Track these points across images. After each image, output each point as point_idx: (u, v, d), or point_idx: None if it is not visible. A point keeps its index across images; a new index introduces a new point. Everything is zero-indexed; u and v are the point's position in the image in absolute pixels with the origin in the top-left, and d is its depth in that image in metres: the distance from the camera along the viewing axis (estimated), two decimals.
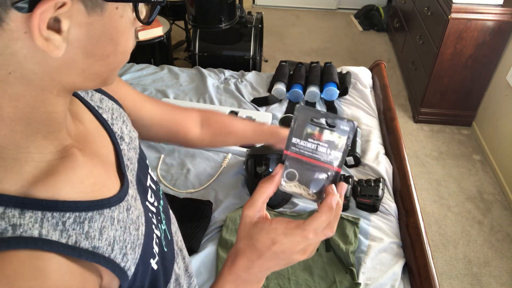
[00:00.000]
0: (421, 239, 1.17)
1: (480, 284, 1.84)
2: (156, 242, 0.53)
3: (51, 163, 0.39)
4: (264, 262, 0.46)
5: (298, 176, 0.47)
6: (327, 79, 1.83)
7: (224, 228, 1.21)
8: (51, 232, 0.36)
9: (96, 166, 0.45)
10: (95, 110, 0.52)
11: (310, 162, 0.46)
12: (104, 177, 0.45)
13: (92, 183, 0.43)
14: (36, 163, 0.38)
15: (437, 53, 2.41)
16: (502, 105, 2.35)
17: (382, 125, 1.70)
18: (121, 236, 0.44)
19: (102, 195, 0.43)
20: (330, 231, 0.45)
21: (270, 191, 0.47)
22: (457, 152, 2.54)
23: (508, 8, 2.22)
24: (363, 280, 1.10)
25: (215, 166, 1.45)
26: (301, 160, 0.46)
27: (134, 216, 0.48)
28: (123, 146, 0.54)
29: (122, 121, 0.56)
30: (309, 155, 0.46)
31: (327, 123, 0.45)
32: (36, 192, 0.37)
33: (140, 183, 0.55)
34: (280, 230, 0.44)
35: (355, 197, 1.32)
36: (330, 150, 0.45)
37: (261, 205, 0.47)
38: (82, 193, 0.41)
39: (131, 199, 0.49)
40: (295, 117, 0.45)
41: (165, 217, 0.62)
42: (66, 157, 0.41)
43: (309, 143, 0.45)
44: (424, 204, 2.19)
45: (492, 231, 2.06)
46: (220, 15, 2.24)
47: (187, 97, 1.83)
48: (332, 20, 4.09)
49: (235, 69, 2.08)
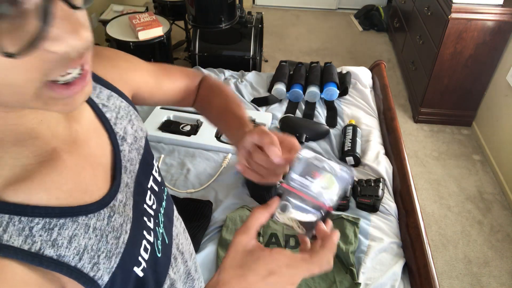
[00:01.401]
0: (421, 239, 1.17)
1: (480, 284, 1.84)
2: (145, 248, 0.51)
3: (27, 168, 0.38)
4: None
5: (291, 210, 0.48)
6: (327, 79, 1.83)
7: (224, 228, 1.21)
8: (14, 237, 0.35)
9: (82, 170, 0.44)
10: (99, 108, 0.51)
11: (304, 197, 0.48)
12: (88, 181, 0.44)
13: (71, 189, 0.41)
14: (9, 166, 0.37)
15: (437, 53, 2.41)
16: (502, 105, 2.35)
17: (382, 125, 1.70)
18: (95, 245, 0.42)
19: (81, 201, 0.42)
20: (328, 266, 0.45)
21: (264, 219, 0.46)
22: (457, 152, 2.54)
23: (508, 8, 2.22)
24: (363, 280, 1.10)
25: (215, 166, 1.45)
26: (296, 195, 0.48)
27: (117, 223, 0.46)
28: (124, 147, 0.52)
29: (128, 120, 0.55)
30: (304, 190, 0.48)
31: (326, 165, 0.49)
32: (6, 196, 0.36)
33: (139, 185, 0.54)
34: (282, 262, 0.42)
35: (355, 197, 1.32)
36: (325, 190, 0.48)
37: (255, 232, 0.45)
38: (57, 199, 0.39)
39: (118, 205, 0.47)
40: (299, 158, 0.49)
41: (165, 219, 0.60)
42: (45, 161, 0.40)
43: (307, 181, 0.48)
44: (424, 204, 2.19)
45: (492, 231, 2.06)
46: (220, 15, 2.24)
47: None
48: (332, 20, 4.09)
49: (235, 69, 2.08)
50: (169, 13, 2.80)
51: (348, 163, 1.48)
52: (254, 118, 1.64)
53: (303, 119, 1.68)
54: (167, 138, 1.54)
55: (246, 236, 0.44)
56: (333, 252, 0.45)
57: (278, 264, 0.42)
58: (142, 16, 2.38)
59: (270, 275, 0.41)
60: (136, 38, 2.28)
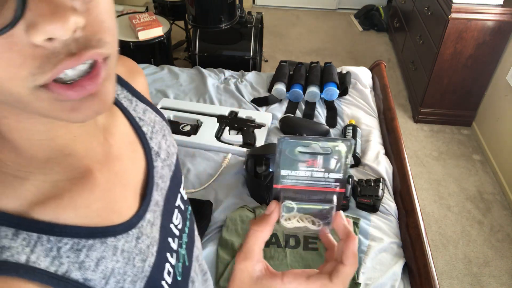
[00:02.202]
0: (421, 239, 1.17)
1: (480, 284, 1.84)
2: (168, 272, 0.47)
3: (57, 185, 0.36)
4: None
5: (297, 208, 0.41)
6: (327, 79, 1.83)
7: (224, 228, 1.21)
8: (41, 258, 0.33)
9: (113, 188, 0.41)
10: (136, 122, 0.48)
11: (307, 190, 0.40)
12: (118, 200, 0.42)
13: (100, 208, 0.39)
14: (39, 182, 0.35)
15: (437, 53, 2.41)
16: (502, 105, 2.35)
17: (382, 125, 1.70)
18: (121, 268, 0.39)
19: (109, 221, 0.39)
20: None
21: (266, 234, 0.39)
22: (457, 152, 2.53)
23: (508, 8, 2.22)
24: (363, 280, 1.10)
25: (215, 166, 1.45)
26: (296, 190, 0.41)
27: (144, 245, 0.43)
28: (157, 162, 0.49)
29: (162, 135, 0.53)
30: (304, 183, 0.40)
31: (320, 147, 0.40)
32: (35, 213, 0.33)
33: (168, 203, 0.50)
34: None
35: (355, 197, 1.32)
36: (327, 173, 0.40)
37: (259, 253, 0.38)
38: (85, 218, 0.37)
39: (145, 226, 0.44)
40: (279, 150, 0.39)
41: (187, 240, 0.55)
42: (75, 178, 0.37)
43: (302, 171, 0.40)
44: (424, 204, 2.19)
45: (492, 231, 2.06)
46: (220, 15, 2.24)
47: (187, 97, 1.83)
48: (332, 20, 4.09)
49: (235, 69, 2.08)
50: (169, 13, 2.80)
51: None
52: (254, 118, 1.64)
53: (303, 119, 1.68)
54: None
55: (249, 262, 0.38)
56: (356, 267, 0.38)
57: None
58: (142, 16, 2.38)
59: None
60: (136, 38, 2.28)
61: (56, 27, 0.24)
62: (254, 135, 1.56)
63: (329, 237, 0.42)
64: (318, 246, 1.16)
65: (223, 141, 1.54)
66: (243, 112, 1.67)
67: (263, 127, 1.60)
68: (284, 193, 0.41)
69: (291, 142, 0.39)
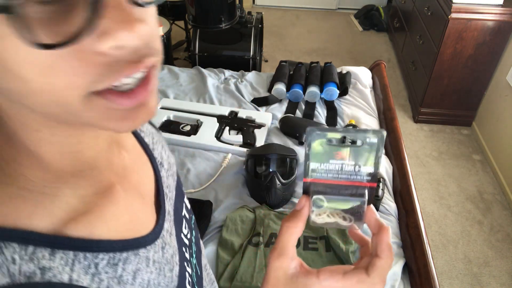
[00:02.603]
0: (421, 239, 1.17)
1: (480, 284, 1.84)
2: (189, 282, 0.46)
3: (84, 199, 0.35)
4: None
5: (327, 203, 0.39)
6: (327, 79, 1.83)
7: (224, 228, 1.21)
8: (82, 276, 0.32)
9: (134, 200, 0.41)
10: (137, 133, 0.48)
11: (337, 184, 0.39)
12: (141, 212, 0.41)
13: (128, 220, 0.38)
14: (67, 198, 0.34)
15: (437, 53, 2.41)
16: (502, 105, 2.35)
17: (382, 125, 1.70)
18: (156, 279, 0.39)
19: (138, 232, 0.39)
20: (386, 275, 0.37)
21: (299, 230, 0.38)
22: (457, 152, 2.54)
23: (508, 8, 2.22)
24: None
25: (215, 166, 1.45)
26: (326, 184, 0.39)
27: (169, 254, 0.42)
28: (162, 173, 0.49)
29: (161, 145, 0.52)
30: (334, 177, 0.39)
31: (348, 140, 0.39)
32: (68, 230, 0.32)
33: (177, 213, 0.50)
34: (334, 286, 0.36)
35: None
36: (358, 167, 0.38)
37: (293, 250, 0.38)
38: (116, 231, 0.36)
39: (166, 235, 0.43)
40: (308, 141, 0.38)
41: (196, 250, 0.55)
42: (101, 192, 0.37)
43: (332, 165, 0.38)
44: (424, 204, 2.19)
45: (492, 231, 2.06)
46: (220, 15, 2.24)
47: (187, 97, 1.83)
48: (332, 20, 4.09)
49: (235, 69, 2.08)
50: (169, 13, 2.80)
51: None
52: (254, 118, 1.64)
53: (303, 119, 1.68)
54: (167, 138, 1.54)
55: (284, 259, 0.37)
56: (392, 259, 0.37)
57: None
58: None
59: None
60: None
61: (127, 35, 0.24)
62: (254, 135, 1.56)
63: (359, 234, 0.41)
64: (318, 246, 1.16)
65: (223, 141, 1.54)
66: (243, 112, 1.67)
67: (263, 127, 1.60)
68: (314, 187, 0.39)
69: (320, 134, 0.38)
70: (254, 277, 1.07)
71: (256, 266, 1.10)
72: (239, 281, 1.06)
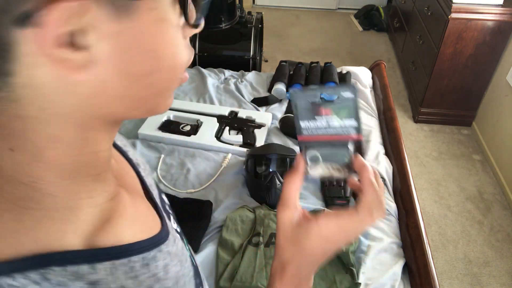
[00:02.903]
0: (421, 239, 1.17)
1: (480, 284, 1.84)
2: (195, 270, 0.49)
3: (103, 207, 0.35)
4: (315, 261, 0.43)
5: (321, 157, 0.44)
6: (327, 79, 1.83)
7: (224, 228, 1.21)
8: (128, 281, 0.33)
9: (138, 201, 0.42)
10: None
11: (327, 139, 0.44)
12: (146, 211, 0.42)
13: (143, 221, 0.40)
14: (89, 209, 0.34)
15: (437, 53, 2.41)
16: (502, 105, 2.35)
17: (382, 125, 1.70)
18: (181, 270, 0.41)
19: (153, 230, 0.40)
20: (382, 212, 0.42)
21: (298, 182, 0.43)
22: (457, 152, 2.54)
23: (508, 8, 2.22)
24: (363, 280, 1.10)
25: (215, 166, 1.45)
26: (317, 141, 0.44)
27: (180, 247, 0.44)
28: (142, 173, 0.50)
29: (131, 147, 0.53)
30: (323, 132, 0.43)
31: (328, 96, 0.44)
32: (99, 242, 0.33)
33: (164, 209, 0.51)
34: (332, 227, 0.41)
35: (355, 197, 1.32)
36: (342, 120, 0.43)
37: (295, 201, 0.43)
38: (138, 233, 0.37)
39: (171, 229, 0.45)
40: (294, 103, 0.43)
41: (186, 241, 0.59)
42: (112, 197, 0.37)
43: (319, 121, 0.43)
44: (424, 204, 2.19)
45: (492, 231, 2.06)
46: (220, 15, 2.24)
47: (187, 97, 1.83)
48: (332, 20, 4.09)
49: (235, 69, 2.08)
50: None
51: None
52: (254, 118, 1.64)
53: None
54: (167, 138, 1.54)
55: (289, 210, 0.42)
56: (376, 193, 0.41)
57: (328, 231, 0.41)
58: None
59: (325, 243, 0.41)
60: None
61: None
62: (254, 135, 1.56)
63: (357, 183, 0.45)
64: None
65: (223, 141, 1.54)
66: (243, 112, 1.67)
67: (263, 127, 1.60)
68: (307, 144, 0.44)
69: (302, 94, 0.43)
70: (254, 277, 1.07)
71: (256, 266, 1.09)
72: (239, 281, 1.06)
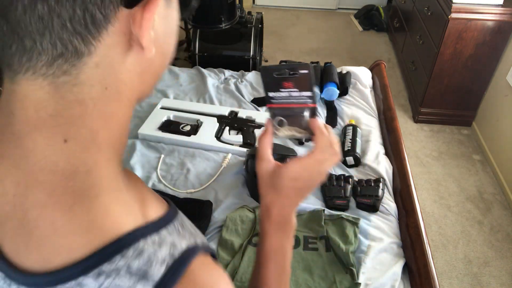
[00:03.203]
0: (421, 239, 1.17)
1: (480, 284, 1.84)
2: None
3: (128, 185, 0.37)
4: (293, 200, 0.51)
5: (286, 121, 0.56)
6: (327, 79, 1.82)
7: (224, 228, 1.21)
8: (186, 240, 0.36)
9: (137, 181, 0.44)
10: None
11: (290, 107, 0.55)
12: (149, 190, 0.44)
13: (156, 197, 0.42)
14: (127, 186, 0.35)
15: (437, 53, 2.41)
16: (502, 105, 2.35)
17: (382, 125, 1.70)
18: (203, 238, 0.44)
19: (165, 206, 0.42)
20: (334, 151, 0.51)
21: (269, 139, 0.54)
22: (457, 152, 2.54)
23: (508, 8, 2.22)
24: (363, 280, 1.10)
25: (215, 166, 1.45)
26: (282, 108, 0.55)
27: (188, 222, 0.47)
28: None
29: None
30: (286, 101, 0.54)
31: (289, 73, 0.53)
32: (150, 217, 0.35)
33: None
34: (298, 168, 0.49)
35: (355, 197, 1.32)
36: (300, 92, 0.53)
37: (269, 155, 0.53)
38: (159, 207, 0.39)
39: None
40: (263, 78, 0.54)
41: None
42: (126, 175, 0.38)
43: (282, 93, 0.54)
44: (424, 204, 2.19)
45: (492, 231, 2.06)
46: (220, 15, 2.24)
47: (187, 97, 1.83)
48: (332, 20, 4.09)
49: (235, 69, 2.08)
50: None
51: (348, 163, 1.48)
52: (254, 118, 1.64)
53: None
54: (167, 138, 1.54)
55: (264, 162, 0.53)
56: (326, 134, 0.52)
57: (296, 171, 0.49)
58: None
59: (295, 182, 0.50)
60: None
61: None
62: (254, 135, 1.56)
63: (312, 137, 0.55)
64: (317, 246, 1.16)
65: (223, 141, 1.54)
66: (243, 112, 1.67)
67: (263, 127, 1.60)
68: (275, 110, 0.56)
69: (269, 70, 0.53)
70: None
71: None
72: (239, 281, 1.06)
